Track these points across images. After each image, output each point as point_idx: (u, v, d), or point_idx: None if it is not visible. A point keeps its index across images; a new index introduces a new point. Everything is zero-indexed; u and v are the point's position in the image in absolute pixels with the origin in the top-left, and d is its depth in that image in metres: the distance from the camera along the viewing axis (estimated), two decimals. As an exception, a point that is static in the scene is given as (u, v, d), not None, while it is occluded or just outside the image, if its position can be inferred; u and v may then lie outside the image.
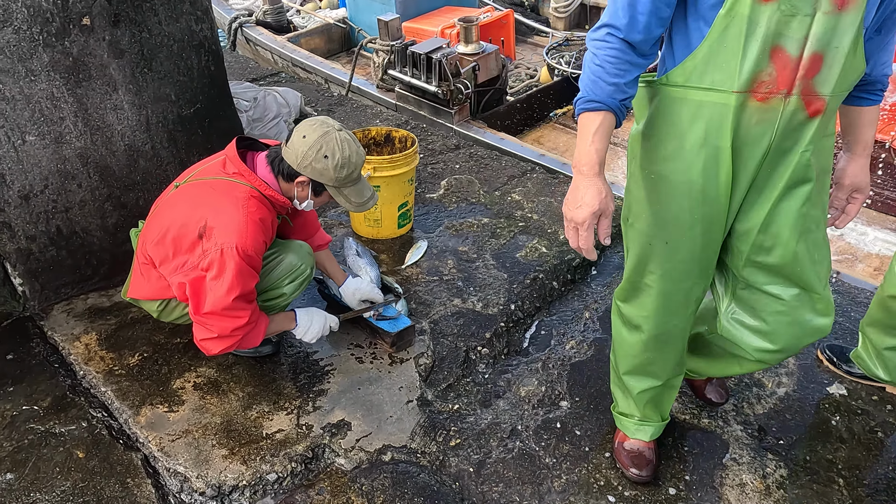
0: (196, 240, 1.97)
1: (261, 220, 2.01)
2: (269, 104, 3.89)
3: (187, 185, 2.11)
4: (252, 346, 2.14)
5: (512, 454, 2.17)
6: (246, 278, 1.98)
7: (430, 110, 4.96)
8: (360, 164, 2.08)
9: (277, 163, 2.07)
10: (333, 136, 2.00)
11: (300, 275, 2.26)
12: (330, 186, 2.07)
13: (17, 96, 2.31)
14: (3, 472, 1.98)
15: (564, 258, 3.07)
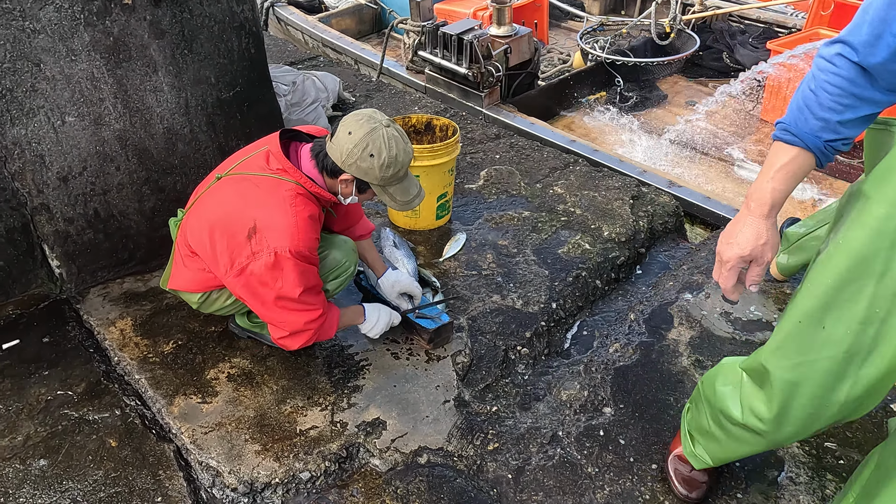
0: (245, 241, 1.90)
1: (310, 217, 1.94)
2: (308, 89, 3.82)
3: (230, 179, 2.03)
4: (327, 337, 2.11)
5: (552, 462, 2.07)
6: (307, 275, 1.93)
7: (460, 93, 4.85)
8: (408, 163, 1.98)
9: (322, 158, 1.98)
10: (380, 134, 1.89)
11: (344, 272, 2.20)
12: (375, 185, 1.98)
13: (58, 76, 2.28)
14: (37, 458, 1.96)
15: (608, 255, 2.95)
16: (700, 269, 2.88)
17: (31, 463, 1.95)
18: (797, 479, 2.00)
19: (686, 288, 2.77)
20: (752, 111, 4.74)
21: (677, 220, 3.39)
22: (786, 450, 2.08)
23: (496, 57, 4.71)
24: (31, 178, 2.36)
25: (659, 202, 3.38)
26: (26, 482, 1.89)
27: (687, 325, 2.56)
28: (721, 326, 2.55)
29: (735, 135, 4.48)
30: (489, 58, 4.63)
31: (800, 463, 2.04)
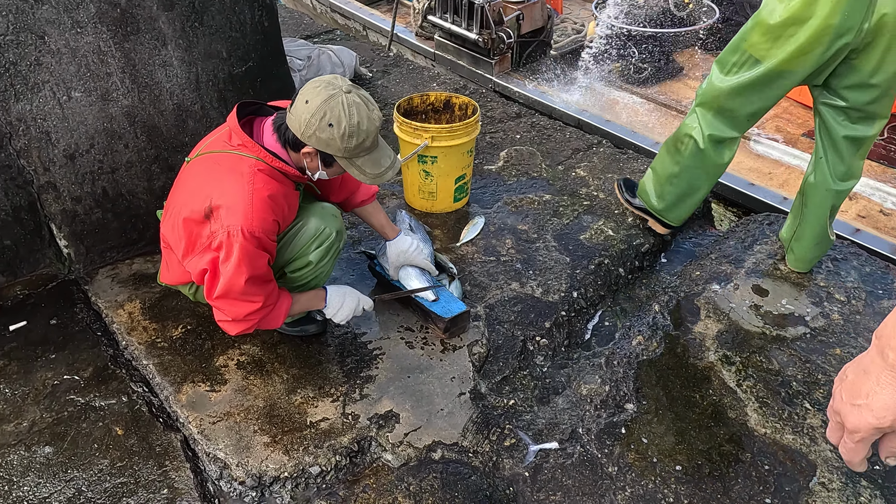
0: (203, 220, 1.79)
1: (269, 197, 1.80)
2: (324, 63, 3.71)
3: (195, 162, 1.92)
4: (273, 327, 2.00)
5: (571, 460, 1.99)
6: (254, 261, 1.79)
7: (470, 60, 4.70)
8: (374, 131, 1.80)
9: (283, 130, 1.83)
10: (339, 101, 1.72)
11: (326, 238, 2.02)
12: (339, 157, 1.80)
13: (63, 49, 2.19)
14: (42, 445, 1.92)
15: (632, 242, 2.84)
16: (728, 259, 2.76)
17: (36, 450, 1.90)
18: (830, 485, 1.90)
19: (713, 278, 2.65)
20: None
21: (705, 205, 3.26)
22: (818, 453, 1.98)
23: (508, 23, 4.54)
24: (37, 156, 2.29)
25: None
26: (31, 469, 1.85)
27: (714, 318, 2.45)
28: (751, 320, 2.44)
29: None
30: (500, 24, 4.47)
31: (833, 468, 1.94)
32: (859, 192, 3.44)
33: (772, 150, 3.79)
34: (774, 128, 4.09)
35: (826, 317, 2.46)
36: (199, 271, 1.85)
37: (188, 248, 1.86)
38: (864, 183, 3.44)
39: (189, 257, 1.87)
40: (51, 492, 1.80)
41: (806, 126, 4.09)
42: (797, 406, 2.12)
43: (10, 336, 2.26)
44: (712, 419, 2.09)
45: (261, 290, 1.85)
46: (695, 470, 1.95)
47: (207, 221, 1.79)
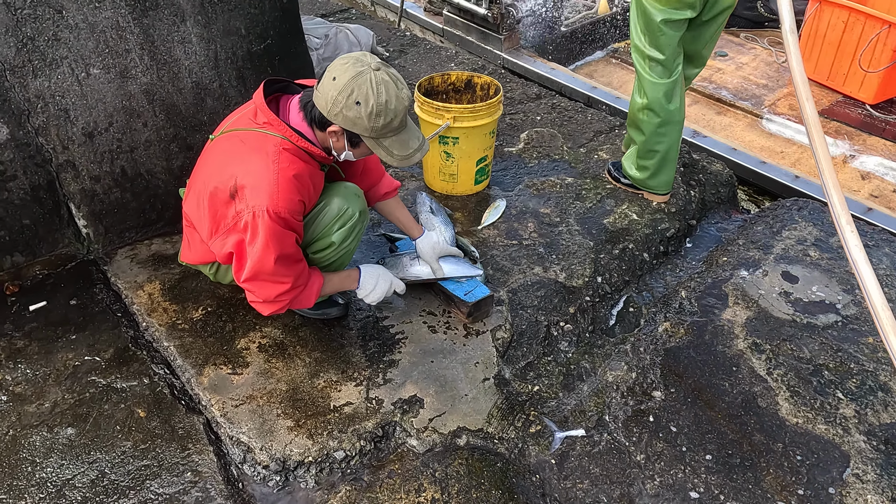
0: (228, 200, 1.75)
1: (295, 177, 1.75)
2: (341, 42, 3.64)
3: (219, 139, 1.87)
4: (306, 306, 1.97)
5: (598, 448, 1.96)
6: (282, 240, 1.75)
7: (479, 36, 4.60)
8: (403, 111, 1.73)
9: (309, 109, 1.77)
10: (368, 78, 1.65)
11: (349, 219, 1.97)
12: (366, 137, 1.75)
13: (81, 24, 2.14)
14: (65, 426, 1.90)
15: (657, 227, 2.78)
16: (756, 244, 2.70)
17: (59, 431, 1.89)
18: (864, 477, 1.86)
19: (741, 264, 2.59)
20: (785, 63, 4.46)
21: (730, 189, 3.19)
22: (851, 444, 1.94)
23: None
24: (56, 134, 2.25)
25: (711, 171, 3.17)
26: (54, 451, 1.84)
27: (743, 305, 2.40)
28: (780, 307, 2.38)
29: (765, 87, 4.21)
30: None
31: (867, 459, 1.90)
32: (873, 171, 3.38)
33: (784, 128, 3.73)
34: (788, 106, 4.02)
35: (858, 304, 2.40)
36: (225, 253, 1.82)
37: (213, 228, 1.82)
38: (877, 162, 3.39)
39: (214, 238, 1.83)
40: (74, 473, 1.79)
41: (820, 105, 4.02)
42: (829, 395, 2.07)
43: (30, 316, 2.25)
44: (742, 408, 2.05)
45: (290, 270, 1.82)
46: (725, 459, 1.91)
47: (233, 201, 1.75)
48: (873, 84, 3.93)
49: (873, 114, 3.91)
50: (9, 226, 2.33)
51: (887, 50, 3.80)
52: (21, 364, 2.08)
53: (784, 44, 1.76)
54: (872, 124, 3.82)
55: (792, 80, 1.78)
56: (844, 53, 4.04)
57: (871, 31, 3.81)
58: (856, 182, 3.31)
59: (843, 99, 4.10)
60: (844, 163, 3.48)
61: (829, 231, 2.75)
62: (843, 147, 3.56)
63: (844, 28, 3.98)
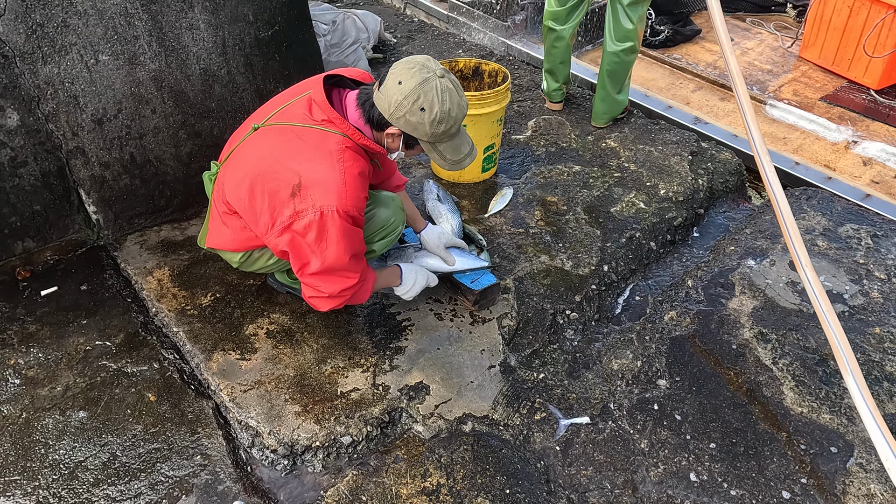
0: (288, 197, 1.76)
1: (359, 174, 1.78)
2: (348, 28, 3.63)
3: (270, 130, 1.87)
4: (360, 302, 1.99)
5: (602, 435, 1.98)
6: (353, 238, 1.79)
7: (484, 22, 4.58)
8: (462, 119, 1.78)
9: (368, 108, 1.79)
10: (434, 85, 1.69)
11: (392, 231, 2.07)
12: (423, 142, 1.80)
13: (90, 11, 2.14)
14: (76, 410, 1.93)
15: (664, 216, 2.77)
16: (764, 234, 2.69)
17: (71, 414, 1.92)
18: (868, 466, 1.86)
19: (749, 253, 2.59)
20: (791, 48, 4.41)
21: (739, 178, 3.17)
22: (855, 434, 1.94)
23: None
24: (66, 120, 2.27)
25: (720, 159, 3.16)
26: (66, 433, 1.87)
27: (749, 294, 2.40)
28: (787, 297, 2.38)
29: (770, 73, 4.17)
30: None
31: (871, 448, 1.90)
32: (875, 157, 3.35)
33: (788, 114, 3.70)
34: (792, 91, 3.98)
35: (865, 295, 2.39)
36: (280, 250, 1.84)
37: (271, 222, 1.81)
38: (879, 148, 3.36)
39: (270, 232, 1.82)
40: (86, 455, 1.82)
41: (824, 90, 3.98)
42: (834, 385, 2.08)
43: (41, 301, 2.27)
44: (747, 397, 2.06)
45: (359, 265, 1.86)
46: (729, 448, 1.92)
47: (292, 199, 1.75)
48: (878, 69, 3.89)
49: (878, 99, 3.87)
50: (20, 211, 2.35)
51: (892, 35, 3.75)
52: (33, 348, 2.11)
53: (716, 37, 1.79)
54: (876, 110, 3.79)
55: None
56: (850, 38, 4.00)
57: (876, 15, 3.77)
58: (857, 168, 3.28)
59: (848, 84, 4.05)
60: (847, 149, 3.45)
61: (838, 221, 2.74)
62: (846, 133, 3.52)
63: (850, 13, 3.93)
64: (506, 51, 4.27)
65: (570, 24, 3.13)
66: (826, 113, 3.73)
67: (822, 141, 3.53)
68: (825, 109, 3.79)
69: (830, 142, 3.53)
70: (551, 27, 3.17)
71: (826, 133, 3.57)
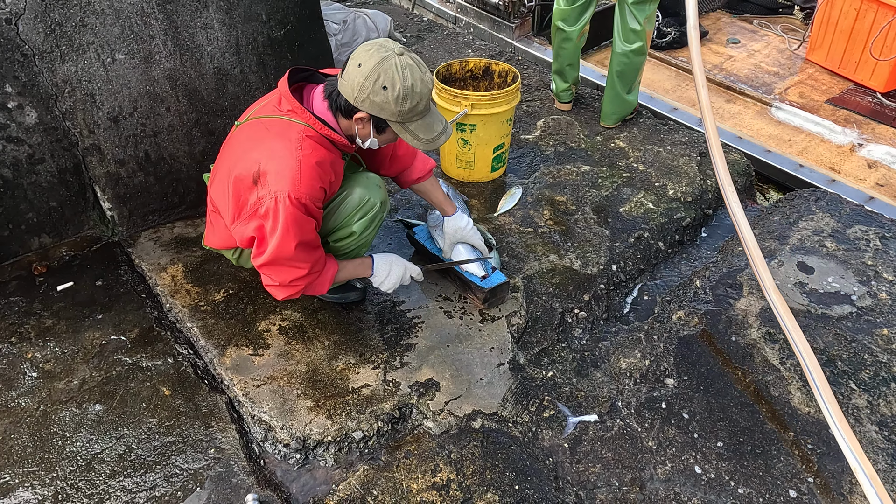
0: (251, 185, 1.79)
1: (317, 164, 1.79)
2: (359, 28, 3.66)
3: (244, 126, 1.90)
4: (319, 293, 2.00)
5: (610, 433, 2.00)
6: (302, 228, 1.79)
7: (491, 24, 4.60)
8: (427, 94, 1.75)
9: (335, 97, 1.80)
10: (393, 63, 1.68)
11: (370, 209, 2.01)
12: (393, 122, 1.78)
13: (107, 10, 2.18)
14: (93, 403, 1.96)
15: (673, 216, 2.79)
16: (772, 235, 2.70)
17: (87, 407, 1.95)
18: (875, 466, 1.88)
19: (757, 254, 2.59)
20: (797, 51, 4.41)
21: (747, 179, 3.18)
22: (862, 434, 1.96)
23: None
24: (82, 118, 2.30)
25: (729, 160, 3.16)
26: (83, 426, 1.90)
27: (757, 295, 2.41)
28: (795, 297, 2.39)
29: (776, 75, 4.18)
30: None
31: (878, 449, 1.92)
32: (880, 160, 3.35)
33: (794, 116, 3.70)
34: (798, 94, 3.98)
35: (873, 296, 2.40)
36: (246, 238, 1.86)
37: (235, 212, 1.86)
38: (885, 151, 3.36)
39: (236, 222, 1.87)
40: (102, 448, 1.85)
41: (830, 93, 3.97)
42: (842, 386, 2.09)
43: (58, 296, 2.31)
44: (754, 397, 2.07)
45: (308, 256, 1.85)
46: (736, 447, 1.94)
47: (255, 187, 1.78)
48: (884, 72, 3.90)
49: (884, 102, 3.87)
50: (37, 208, 2.39)
51: None
52: (50, 342, 2.14)
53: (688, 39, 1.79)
54: (882, 112, 3.79)
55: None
56: (856, 41, 4.00)
57: (883, 18, 3.77)
58: (862, 171, 3.28)
59: (854, 87, 4.05)
60: (852, 151, 3.45)
61: (847, 222, 2.74)
62: (852, 136, 3.52)
63: (857, 16, 3.94)
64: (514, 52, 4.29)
65: (579, 24, 3.15)
66: (832, 115, 3.73)
67: (828, 143, 3.54)
68: (831, 112, 3.79)
69: (836, 144, 3.53)
70: (560, 27, 3.19)
71: (831, 135, 3.57)
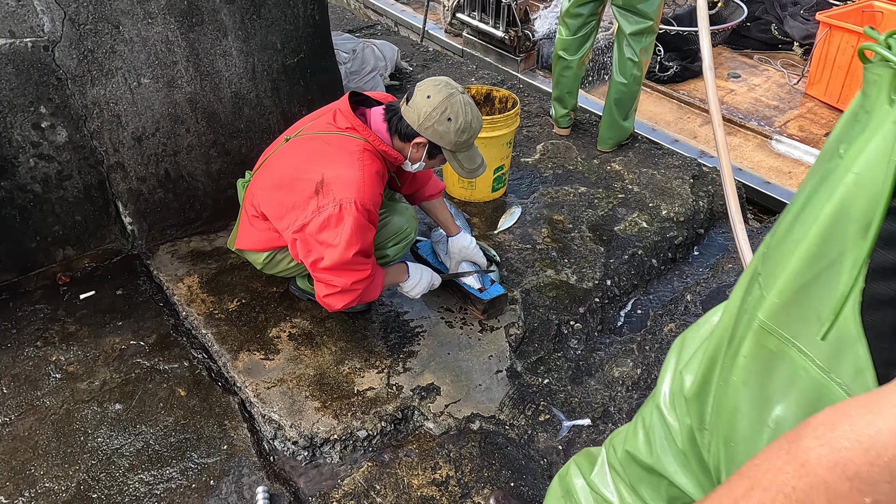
0: (312, 194, 1.94)
1: (377, 173, 1.97)
2: (367, 57, 3.84)
3: (300, 140, 2.08)
4: (371, 298, 2.12)
5: (603, 436, 2.09)
6: (365, 232, 1.94)
7: (497, 57, 4.80)
8: (479, 130, 2.02)
9: (396, 121, 2.01)
10: (458, 99, 1.94)
11: (405, 238, 2.25)
12: (447, 150, 2.02)
13: (135, 38, 2.35)
14: (113, 402, 2.08)
15: (666, 235, 2.91)
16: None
17: (108, 406, 2.07)
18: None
19: (745, 271, 2.71)
20: (797, 85, 4.56)
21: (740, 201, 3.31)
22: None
23: (534, 21, 4.64)
24: (108, 137, 2.46)
25: (721, 182, 3.30)
26: (104, 423, 2.02)
27: (745, 309, 2.52)
28: (781, 311, 2.50)
29: (776, 109, 4.33)
30: (527, 21, 4.56)
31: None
32: None
33: (793, 149, 3.82)
34: (798, 127, 4.11)
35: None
36: (301, 243, 1.98)
37: (293, 218, 1.98)
38: None
39: (291, 227, 1.98)
40: (122, 444, 1.96)
41: (829, 126, 4.10)
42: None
43: (80, 304, 2.44)
44: (741, 403, 2.17)
45: (367, 260, 2.00)
46: (722, 449, 2.03)
47: (316, 196, 1.93)
48: None
49: None
50: (63, 221, 2.54)
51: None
52: (73, 346, 2.27)
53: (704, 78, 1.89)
54: None
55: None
56: (854, 76, 4.12)
57: None
58: None
59: None
60: None
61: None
62: None
63: (854, 52, 4.08)
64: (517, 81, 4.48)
65: (579, 54, 3.32)
66: None
67: (798, 163, 3.67)
68: None
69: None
70: (561, 56, 3.36)
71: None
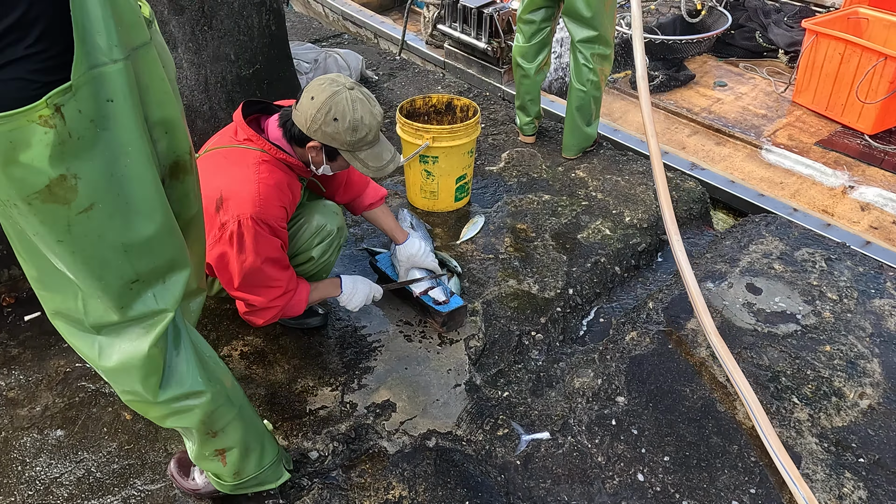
0: (214, 214, 1.88)
1: (275, 185, 1.89)
2: (330, 66, 3.80)
3: (203, 157, 2.00)
4: (296, 314, 2.07)
5: (562, 449, 2.05)
6: (268, 246, 1.88)
7: (479, 69, 4.77)
8: (376, 126, 1.89)
9: (289, 126, 1.93)
10: (344, 97, 1.82)
11: (327, 235, 2.13)
12: (343, 151, 1.91)
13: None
14: (54, 429, 2.00)
15: (629, 242, 2.89)
16: (724, 258, 2.81)
17: (49, 433, 1.99)
18: (814, 476, 1.94)
19: (708, 277, 2.70)
20: (784, 93, 4.58)
21: (703, 206, 3.31)
22: (803, 446, 2.03)
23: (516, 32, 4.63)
24: (53, 153, 2.39)
25: (684, 188, 3.30)
26: (43, 451, 1.94)
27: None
28: (742, 317, 2.49)
29: (764, 117, 4.33)
30: (509, 32, 4.55)
31: (817, 459, 1.99)
32: (872, 202, 3.41)
33: (784, 159, 3.78)
34: (787, 136, 4.10)
35: (818, 315, 2.50)
36: (214, 264, 1.93)
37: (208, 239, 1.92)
38: (876, 193, 3.42)
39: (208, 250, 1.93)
40: (62, 472, 1.89)
41: (818, 135, 4.07)
42: (785, 401, 2.17)
43: (25, 326, 2.36)
44: (701, 412, 2.15)
45: (281, 274, 1.93)
46: (682, 461, 2.00)
47: (217, 214, 1.87)
48: (871, 115, 3.89)
49: (872, 144, 3.90)
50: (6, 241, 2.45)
51: (884, 81, 3.83)
52: (15, 370, 2.19)
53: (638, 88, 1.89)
54: (871, 154, 3.83)
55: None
56: (842, 84, 4.05)
57: (867, 63, 3.83)
58: (855, 213, 3.32)
59: (842, 129, 4.10)
60: (844, 194, 3.48)
61: (794, 245, 2.86)
62: (843, 178, 3.56)
63: (841, 60, 4.02)
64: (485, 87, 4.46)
65: (536, 61, 3.30)
66: (822, 158, 3.78)
67: (819, 186, 3.59)
68: (821, 154, 3.85)
69: (827, 186, 3.58)
70: (519, 63, 3.34)
71: (823, 178, 3.61)
